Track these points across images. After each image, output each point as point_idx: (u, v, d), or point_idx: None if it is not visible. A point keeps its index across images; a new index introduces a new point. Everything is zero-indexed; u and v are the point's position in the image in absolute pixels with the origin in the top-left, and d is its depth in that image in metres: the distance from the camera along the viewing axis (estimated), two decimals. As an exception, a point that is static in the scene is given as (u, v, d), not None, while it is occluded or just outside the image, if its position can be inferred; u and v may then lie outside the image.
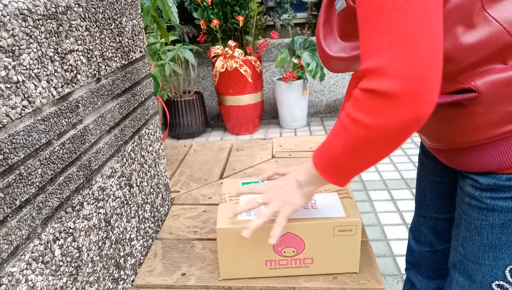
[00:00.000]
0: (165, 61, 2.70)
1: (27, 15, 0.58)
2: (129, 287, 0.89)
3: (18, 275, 0.56)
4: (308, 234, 0.82)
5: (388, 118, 0.57)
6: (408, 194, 2.47)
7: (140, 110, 0.98)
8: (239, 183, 0.99)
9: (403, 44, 0.54)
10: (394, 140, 0.61)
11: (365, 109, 0.59)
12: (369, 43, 0.56)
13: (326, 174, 0.70)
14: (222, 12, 3.33)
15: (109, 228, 0.81)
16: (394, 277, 1.81)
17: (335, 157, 0.66)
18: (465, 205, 0.77)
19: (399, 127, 0.58)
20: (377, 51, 0.55)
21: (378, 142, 0.61)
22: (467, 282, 0.79)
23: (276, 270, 0.86)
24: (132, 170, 0.93)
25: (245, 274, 0.87)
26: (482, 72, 0.64)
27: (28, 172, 0.58)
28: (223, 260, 0.85)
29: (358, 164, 0.66)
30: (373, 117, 0.58)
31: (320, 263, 0.85)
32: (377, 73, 0.56)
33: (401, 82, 0.54)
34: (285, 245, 0.83)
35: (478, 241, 0.75)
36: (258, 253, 0.84)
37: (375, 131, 0.60)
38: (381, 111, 0.57)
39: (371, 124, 0.59)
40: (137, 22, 0.98)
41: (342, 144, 0.64)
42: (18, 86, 0.56)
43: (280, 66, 3.56)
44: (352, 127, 0.61)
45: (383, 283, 0.83)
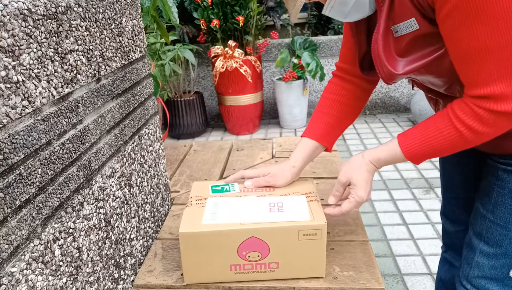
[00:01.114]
0: (165, 61, 2.70)
1: (27, 15, 0.58)
2: (129, 287, 0.89)
3: (18, 275, 0.56)
4: (272, 238, 0.82)
5: (505, 128, 0.72)
6: (408, 194, 2.47)
7: (140, 110, 0.98)
8: (208, 187, 0.98)
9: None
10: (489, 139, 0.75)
11: (490, 125, 0.71)
12: (486, 72, 0.68)
13: (416, 160, 0.80)
14: (222, 12, 3.33)
15: (109, 228, 0.81)
16: (394, 277, 1.81)
17: (436, 151, 0.78)
18: (500, 171, 0.83)
19: (505, 131, 0.73)
20: (497, 79, 0.67)
21: (481, 142, 0.75)
22: (492, 249, 0.84)
23: (241, 275, 0.85)
24: (132, 170, 0.93)
25: (209, 279, 0.86)
26: None
27: (28, 172, 0.58)
28: (186, 265, 0.84)
29: (444, 154, 0.79)
30: (495, 129, 0.72)
31: (286, 268, 0.84)
32: (501, 97, 0.68)
33: None
34: (249, 249, 0.82)
35: (510, 204, 0.81)
36: (222, 258, 0.83)
37: (490, 137, 0.73)
38: (503, 124, 0.71)
39: (491, 133, 0.73)
40: (137, 22, 0.98)
41: (447, 143, 0.76)
42: (18, 86, 0.56)
43: (280, 66, 3.56)
44: (470, 135, 0.73)
45: (383, 283, 0.83)
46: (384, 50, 0.78)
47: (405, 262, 1.90)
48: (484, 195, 0.87)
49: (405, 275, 1.82)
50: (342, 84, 0.99)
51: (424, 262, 1.89)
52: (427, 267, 1.85)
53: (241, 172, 1.00)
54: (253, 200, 0.91)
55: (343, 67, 0.99)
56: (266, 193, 0.94)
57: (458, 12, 0.64)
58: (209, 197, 0.93)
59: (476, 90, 0.70)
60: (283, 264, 0.84)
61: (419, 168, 2.79)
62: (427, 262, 1.88)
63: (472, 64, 0.68)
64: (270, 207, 0.87)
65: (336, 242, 0.97)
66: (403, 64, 0.77)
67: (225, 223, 0.83)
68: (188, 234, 0.82)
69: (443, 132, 0.76)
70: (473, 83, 0.70)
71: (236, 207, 0.88)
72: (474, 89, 0.70)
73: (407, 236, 2.08)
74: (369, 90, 1.00)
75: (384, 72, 0.80)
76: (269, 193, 0.94)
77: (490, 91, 0.68)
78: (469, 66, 0.69)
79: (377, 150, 0.85)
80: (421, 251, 1.96)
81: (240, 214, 0.85)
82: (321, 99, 1.01)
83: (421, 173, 2.72)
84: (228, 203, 0.90)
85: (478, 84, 0.70)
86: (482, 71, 0.68)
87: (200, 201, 0.92)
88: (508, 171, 0.81)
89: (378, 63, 0.80)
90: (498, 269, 0.83)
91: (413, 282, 1.77)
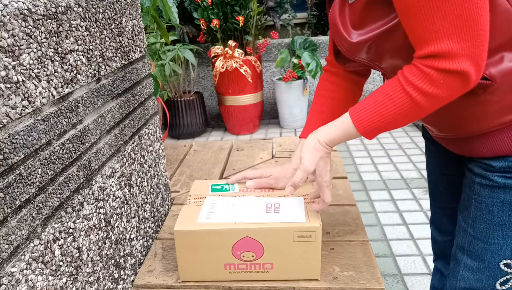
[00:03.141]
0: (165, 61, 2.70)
1: (27, 15, 0.58)
2: (129, 287, 0.89)
3: (18, 275, 0.56)
4: (267, 239, 0.82)
5: (458, 90, 0.67)
6: (408, 194, 2.47)
7: (140, 110, 0.98)
8: (208, 185, 0.99)
9: (467, 27, 0.62)
10: (442, 105, 0.70)
11: (440, 85, 0.66)
12: (432, 27, 0.63)
13: (369, 134, 0.75)
14: (222, 12, 3.33)
15: (109, 228, 0.81)
16: (394, 277, 1.81)
17: (389, 123, 0.72)
18: (476, 185, 0.79)
19: (461, 93, 0.68)
20: (444, 35, 0.63)
21: (435, 108, 0.70)
22: (475, 263, 0.81)
23: (235, 274, 0.85)
24: (132, 170, 0.93)
25: (204, 277, 0.86)
26: (496, 61, 0.67)
27: (28, 172, 0.58)
28: (181, 262, 0.85)
29: (398, 125, 0.73)
30: (448, 91, 0.66)
31: (280, 269, 0.84)
32: (451, 54, 0.63)
33: (470, 61, 0.63)
34: (243, 249, 0.82)
35: (488, 219, 0.78)
36: (216, 257, 0.83)
37: (443, 101, 0.68)
38: (455, 86, 0.66)
39: (444, 96, 0.67)
40: (137, 22, 0.98)
41: (404, 114, 0.70)
42: (18, 86, 0.56)
43: (280, 66, 3.56)
44: (421, 98, 0.68)
45: (383, 283, 0.83)
46: (340, 17, 0.75)
47: (405, 262, 1.90)
48: (464, 208, 0.84)
49: (405, 275, 1.82)
50: (331, 79, 0.97)
51: (424, 262, 1.89)
52: (427, 267, 1.85)
53: (243, 172, 1.00)
54: (251, 200, 0.91)
55: (331, 61, 0.97)
56: (264, 193, 0.94)
57: None
58: (207, 196, 0.94)
59: (424, 49, 0.66)
60: (277, 265, 0.84)
61: (419, 168, 2.79)
62: (427, 262, 1.88)
63: (418, 20, 0.64)
64: (266, 207, 0.87)
65: (336, 242, 0.97)
66: (356, 35, 0.74)
67: (220, 222, 0.83)
68: (183, 232, 0.82)
69: (394, 99, 0.70)
70: (420, 42, 0.66)
71: (233, 207, 0.88)
72: (421, 48, 0.66)
73: (407, 236, 2.08)
74: (360, 83, 0.98)
75: (342, 42, 0.76)
76: (267, 193, 0.94)
77: (437, 49, 0.64)
78: (415, 23, 0.65)
79: (330, 129, 0.79)
80: (421, 251, 1.96)
81: (236, 214, 0.86)
82: (314, 97, 1.00)
83: (421, 173, 2.72)
84: (226, 202, 0.91)
85: (425, 42, 0.65)
86: (429, 27, 0.63)
87: (199, 199, 0.92)
88: (483, 186, 0.78)
89: (334, 31, 0.77)
90: (484, 282, 0.81)
91: (413, 282, 1.77)
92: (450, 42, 0.63)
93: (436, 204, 1.07)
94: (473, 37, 0.62)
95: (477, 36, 0.62)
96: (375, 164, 2.89)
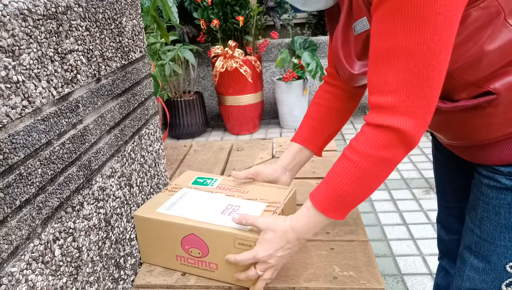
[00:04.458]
0: (165, 61, 2.70)
1: (27, 15, 0.58)
2: (129, 287, 0.89)
3: (18, 275, 0.56)
4: (210, 240, 0.83)
5: (400, 150, 0.65)
6: (408, 194, 2.47)
7: (140, 110, 0.98)
8: (194, 177, 1.03)
9: (418, 87, 0.61)
10: (394, 167, 0.69)
11: (380, 145, 0.65)
12: (385, 79, 0.63)
13: (333, 213, 0.73)
14: (222, 12, 3.33)
15: (109, 228, 0.81)
16: (394, 277, 1.81)
17: (344, 195, 0.71)
18: (483, 186, 0.80)
19: (405, 155, 0.67)
20: (393, 89, 0.62)
21: (387, 172, 0.68)
22: (482, 264, 0.81)
23: (186, 267, 0.88)
24: (132, 170, 0.93)
25: (160, 263, 0.91)
26: (500, 75, 0.68)
27: (28, 172, 0.58)
28: (141, 245, 0.92)
29: (363, 196, 0.72)
30: (390, 150, 0.65)
31: (224, 271, 0.84)
32: (394, 110, 0.63)
33: (412, 120, 0.63)
34: (191, 245, 0.85)
35: (495, 221, 0.78)
36: (168, 246, 0.88)
37: (388, 163, 0.67)
38: (395, 144, 0.65)
39: (389, 158, 0.66)
40: (137, 22, 0.98)
41: (353, 181, 0.69)
42: (18, 86, 0.56)
43: (280, 66, 3.55)
44: (365, 163, 0.67)
45: (383, 283, 0.83)
46: (342, 48, 0.75)
47: (405, 262, 1.90)
48: (471, 209, 0.85)
49: (405, 275, 1.82)
50: (329, 90, 0.98)
51: (424, 262, 1.89)
52: (427, 267, 1.85)
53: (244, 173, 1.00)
54: (217, 199, 0.93)
55: (330, 72, 0.98)
56: (236, 193, 0.95)
57: (386, 4, 0.60)
58: (184, 188, 0.98)
59: (372, 97, 0.65)
60: (221, 267, 0.84)
61: (419, 168, 2.79)
62: (427, 262, 1.88)
63: (377, 66, 0.64)
64: (226, 208, 0.89)
65: (336, 242, 0.97)
66: (359, 66, 0.74)
67: (173, 215, 0.87)
68: (139, 217, 0.90)
69: (339, 169, 0.70)
70: (372, 89, 0.66)
71: (197, 202, 0.92)
72: (371, 95, 0.66)
73: (407, 236, 2.08)
74: (358, 95, 0.99)
75: (343, 72, 0.76)
76: (238, 194, 0.95)
77: (382, 101, 0.64)
78: (374, 68, 0.64)
79: (297, 217, 0.77)
80: (421, 251, 1.96)
81: (194, 210, 0.89)
82: (310, 105, 1.02)
83: (421, 173, 2.72)
84: (194, 197, 0.94)
85: (376, 91, 0.65)
86: (383, 78, 0.63)
87: (174, 189, 0.98)
88: (491, 187, 0.78)
89: (336, 61, 0.77)
90: (490, 283, 0.81)
91: (413, 282, 1.77)
92: (396, 97, 0.62)
93: (444, 203, 1.07)
94: (420, 98, 0.62)
95: (425, 98, 0.62)
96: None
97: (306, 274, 0.87)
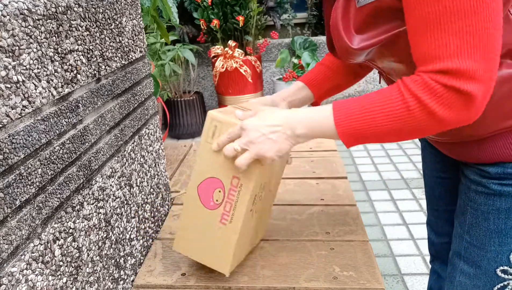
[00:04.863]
0: (165, 61, 2.70)
1: (27, 15, 0.58)
2: (129, 287, 0.89)
3: (18, 275, 0.56)
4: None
5: (460, 113, 0.61)
6: (408, 194, 2.47)
7: (140, 110, 0.98)
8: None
9: (481, 47, 0.57)
10: (444, 129, 0.64)
11: (445, 103, 0.60)
12: (443, 42, 0.58)
13: (345, 135, 0.67)
14: (222, 12, 3.33)
15: (109, 228, 0.81)
16: (394, 277, 1.81)
17: (371, 126, 0.65)
18: (471, 192, 0.78)
19: (464, 121, 0.62)
20: (455, 53, 0.58)
21: (433, 131, 0.64)
22: (472, 270, 0.80)
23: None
24: (132, 170, 0.93)
25: None
26: None
27: (28, 172, 0.58)
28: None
29: (388, 138, 0.66)
30: (451, 111, 0.61)
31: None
32: (461, 74, 0.58)
33: (478, 84, 0.59)
34: (209, 191, 0.81)
35: (484, 226, 0.77)
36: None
37: (442, 123, 0.62)
38: (461, 108, 0.60)
39: (445, 117, 0.61)
40: (137, 22, 0.98)
41: (391, 119, 0.63)
42: (18, 86, 0.56)
43: (280, 66, 3.56)
44: (420, 113, 0.61)
45: (383, 283, 0.83)
46: (342, 20, 0.71)
47: (405, 262, 1.90)
48: (460, 214, 0.83)
49: (405, 275, 1.82)
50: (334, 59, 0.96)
51: (424, 262, 1.89)
52: (427, 267, 1.85)
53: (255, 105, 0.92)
54: None
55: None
56: None
57: None
58: None
59: (430, 65, 0.60)
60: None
61: (419, 168, 2.79)
62: (427, 262, 1.88)
63: (427, 33, 0.59)
64: None
65: (336, 242, 0.97)
66: (359, 40, 0.70)
67: None
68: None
69: (389, 105, 0.63)
70: (427, 57, 0.61)
71: None
72: (427, 64, 0.61)
73: (407, 236, 2.08)
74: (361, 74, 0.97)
75: (340, 45, 0.73)
76: None
77: (446, 66, 0.59)
78: (424, 36, 0.59)
79: (310, 122, 0.70)
80: (421, 251, 1.96)
81: None
82: (324, 56, 0.99)
83: (421, 173, 2.72)
84: None
85: (433, 57, 0.60)
86: (440, 42, 0.58)
87: None
88: (479, 193, 0.77)
89: (335, 34, 0.73)
90: (481, 288, 0.80)
91: (413, 282, 1.77)
92: (461, 61, 0.58)
93: (433, 206, 1.06)
94: (485, 60, 0.58)
95: (490, 60, 0.58)
96: (375, 164, 2.89)
97: (306, 274, 0.87)
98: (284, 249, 0.95)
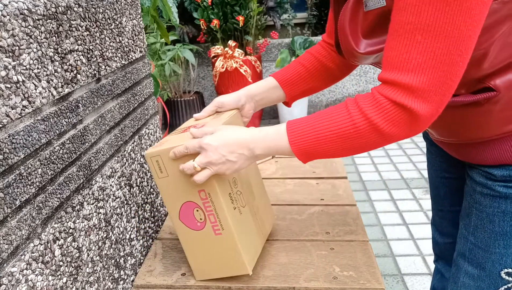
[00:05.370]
0: (165, 61, 2.70)
1: (27, 15, 0.58)
2: (129, 287, 0.89)
3: (18, 275, 0.56)
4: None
5: (406, 132, 0.63)
6: (408, 194, 2.47)
7: (140, 110, 0.98)
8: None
9: (440, 70, 0.58)
10: (386, 145, 0.67)
11: (390, 120, 0.62)
12: (406, 56, 0.59)
13: (299, 152, 0.70)
14: (222, 12, 3.33)
15: (109, 228, 0.81)
16: (394, 277, 1.81)
17: (322, 142, 0.67)
18: (477, 194, 0.78)
19: (404, 138, 0.65)
20: (414, 68, 0.59)
21: (377, 145, 0.66)
22: (476, 271, 0.80)
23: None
24: (132, 170, 0.93)
25: None
26: (501, 71, 0.66)
27: (28, 172, 0.58)
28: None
29: (338, 154, 0.69)
30: (395, 128, 0.63)
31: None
32: (411, 90, 0.60)
33: (426, 104, 0.60)
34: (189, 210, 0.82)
35: (489, 228, 0.77)
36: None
37: (387, 139, 0.64)
38: (404, 125, 0.62)
39: (390, 133, 0.63)
40: (137, 22, 0.98)
41: (340, 136, 0.66)
42: (18, 86, 0.56)
43: (280, 66, 3.55)
44: (367, 130, 0.64)
45: (383, 283, 0.83)
46: (350, 24, 0.72)
47: (405, 262, 1.90)
48: (465, 216, 0.83)
49: (405, 275, 1.82)
50: (326, 47, 0.94)
51: (424, 262, 1.89)
52: (427, 267, 1.85)
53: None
54: None
55: (327, 41, 0.95)
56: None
57: None
58: None
59: (388, 73, 0.62)
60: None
61: (419, 168, 2.79)
62: (427, 262, 1.88)
63: (399, 40, 0.59)
64: None
65: (336, 242, 0.97)
66: (365, 45, 0.71)
67: None
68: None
69: (336, 123, 0.66)
70: (389, 64, 0.61)
71: None
72: (387, 71, 0.62)
73: (407, 236, 2.08)
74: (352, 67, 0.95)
75: (347, 48, 0.74)
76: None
77: (400, 78, 0.60)
78: (395, 41, 0.60)
79: (266, 142, 0.73)
80: (421, 251, 1.96)
81: None
82: (304, 53, 0.97)
83: (421, 173, 2.72)
84: None
85: (393, 66, 0.61)
86: (404, 55, 0.59)
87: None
88: (485, 195, 0.76)
89: (342, 37, 0.74)
90: (485, 289, 0.80)
91: (413, 282, 1.77)
92: (416, 77, 0.59)
93: (437, 206, 1.06)
94: (440, 83, 0.59)
95: (444, 84, 0.59)
96: (375, 164, 2.89)
97: (306, 274, 0.87)
98: (284, 249, 0.95)
